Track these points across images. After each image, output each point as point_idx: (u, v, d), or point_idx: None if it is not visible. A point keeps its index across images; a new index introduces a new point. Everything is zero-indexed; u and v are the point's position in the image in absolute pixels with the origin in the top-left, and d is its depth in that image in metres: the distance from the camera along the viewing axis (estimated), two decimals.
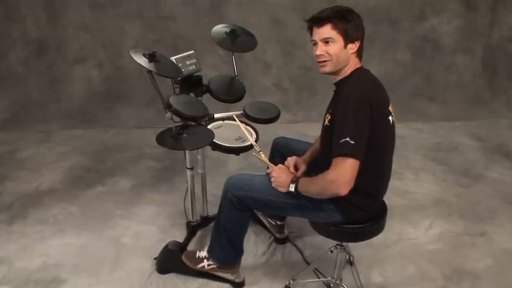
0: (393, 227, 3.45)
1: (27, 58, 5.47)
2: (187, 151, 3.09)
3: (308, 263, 3.10)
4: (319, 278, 2.94)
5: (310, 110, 5.38)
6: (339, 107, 2.24)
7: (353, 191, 2.19)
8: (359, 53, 2.35)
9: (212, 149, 2.79)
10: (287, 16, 5.41)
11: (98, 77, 5.58)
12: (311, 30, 2.36)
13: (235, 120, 2.99)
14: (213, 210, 3.14)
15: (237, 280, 2.89)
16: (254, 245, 3.29)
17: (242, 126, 2.90)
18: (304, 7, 5.19)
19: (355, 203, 2.34)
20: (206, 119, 2.94)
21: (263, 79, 5.62)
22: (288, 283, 2.86)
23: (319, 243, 3.27)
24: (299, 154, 2.76)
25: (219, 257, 2.82)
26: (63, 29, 5.41)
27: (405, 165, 4.38)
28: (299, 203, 2.46)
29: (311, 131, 4.77)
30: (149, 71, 2.58)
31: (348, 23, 2.26)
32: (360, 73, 2.35)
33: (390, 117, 2.35)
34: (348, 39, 2.28)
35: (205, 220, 3.42)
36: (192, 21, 5.41)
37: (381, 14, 5.47)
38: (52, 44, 5.46)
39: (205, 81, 3.10)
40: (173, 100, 2.66)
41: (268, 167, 2.67)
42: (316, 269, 2.99)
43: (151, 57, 2.64)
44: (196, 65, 3.01)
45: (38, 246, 3.30)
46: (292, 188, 2.40)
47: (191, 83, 3.01)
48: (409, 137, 4.97)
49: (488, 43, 5.80)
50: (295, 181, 2.41)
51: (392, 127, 2.38)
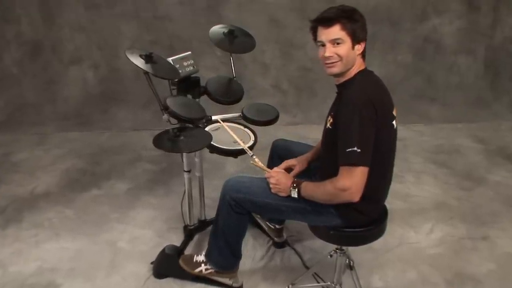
0: (393, 231, 3.46)
1: (22, 59, 5.47)
2: (184, 154, 3.10)
3: (307, 268, 3.10)
4: (318, 282, 2.95)
5: (310, 112, 5.39)
6: (342, 111, 2.23)
7: None
8: (363, 54, 2.36)
9: (210, 151, 2.79)
10: (286, 16, 5.41)
11: (94, 79, 5.58)
12: (315, 30, 2.34)
13: (220, 123, 2.98)
14: (210, 213, 3.15)
15: (235, 285, 2.89)
16: (253, 249, 3.29)
17: (230, 131, 2.86)
18: (303, 8, 5.20)
19: (356, 207, 2.33)
20: (204, 121, 2.94)
21: (261, 81, 5.62)
22: (287, 287, 2.87)
23: (318, 247, 3.28)
24: (298, 156, 2.76)
25: (217, 261, 2.83)
26: (58, 30, 5.41)
27: (406, 168, 4.39)
28: (299, 206, 2.47)
29: (310, 133, 4.78)
30: (146, 72, 2.58)
31: (356, 23, 2.26)
32: (364, 75, 2.35)
33: (394, 121, 2.35)
34: (355, 40, 2.28)
35: (202, 224, 3.42)
36: (190, 21, 5.41)
37: (382, 14, 5.47)
38: (47, 45, 5.46)
39: (202, 82, 3.10)
40: (170, 102, 2.67)
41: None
42: (315, 273, 2.99)
43: (148, 58, 2.65)
44: (194, 66, 3.01)
45: (33, 250, 3.30)
46: (294, 194, 2.41)
47: (188, 85, 3.01)
48: (410, 139, 4.97)
49: (490, 44, 5.81)
50: (296, 186, 2.40)
51: (395, 131, 2.38)
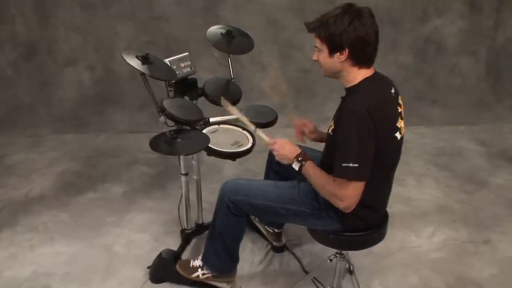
0: (394, 235, 3.46)
1: (16, 60, 5.46)
2: (181, 157, 3.10)
3: (306, 272, 3.11)
4: (318, 287, 2.95)
5: (309, 114, 5.37)
6: (342, 122, 2.22)
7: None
8: (357, 61, 2.26)
9: (208, 154, 2.78)
10: (284, 16, 5.41)
11: (90, 80, 5.57)
12: None
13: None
14: (208, 217, 3.15)
15: None
16: (251, 254, 3.30)
17: (236, 112, 2.83)
18: (302, 8, 5.19)
19: (357, 214, 2.33)
20: (201, 123, 2.94)
21: (260, 82, 5.62)
22: None
23: (318, 252, 3.28)
24: None
25: (214, 265, 2.83)
26: (53, 30, 5.41)
27: (407, 171, 4.39)
28: (298, 209, 2.47)
29: None
30: (142, 74, 2.59)
31: (329, 30, 2.19)
32: (368, 84, 2.27)
33: (398, 133, 2.30)
34: (332, 48, 2.22)
35: (200, 228, 3.43)
36: (187, 22, 5.41)
37: (382, 14, 5.47)
38: (42, 46, 5.45)
39: (200, 84, 3.11)
40: (167, 104, 2.68)
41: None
42: (315, 278, 2.99)
43: (144, 59, 2.65)
44: (191, 68, 3.02)
45: (28, 254, 3.31)
46: (296, 166, 2.38)
47: (185, 86, 3.02)
48: (411, 141, 4.96)
49: (492, 45, 5.82)
50: (301, 160, 2.37)
51: (399, 142, 2.35)
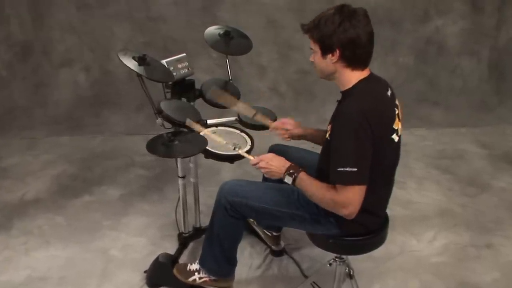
0: (395, 239, 3.46)
1: (11, 61, 5.46)
2: (178, 159, 3.10)
3: (306, 277, 3.11)
4: None
5: (308, 116, 5.38)
6: (337, 126, 2.23)
7: None
8: (349, 63, 2.25)
9: (205, 157, 2.79)
10: (283, 17, 5.42)
11: (86, 81, 5.58)
12: None
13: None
14: (206, 221, 3.14)
15: None
16: (249, 258, 3.30)
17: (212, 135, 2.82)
18: (301, 8, 5.20)
19: (356, 219, 2.31)
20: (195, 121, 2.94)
21: (258, 83, 5.63)
22: None
23: (317, 256, 3.28)
24: (297, 162, 2.76)
25: (211, 268, 2.83)
26: (48, 31, 5.41)
27: (408, 174, 4.39)
28: (296, 213, 2.47)
29: None
30: (139, 75, 2.59)
31: (320, 31, 2.21)
32: (363, 87, 2.27)
33: (395, 135, 2.30)
34: (324, 49, 2.24)
35: (197, 232, 3.43)
36: (184, 22, 5.42)
37: (382, 15, 5.48)
38: (37, 47, 5.46)
39: (197, 85, 3.11)
40: (164, 106, 2.68)
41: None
42: (314, 282, 2.99)
43: (141, 60, 2.65)
44: (188, 69, 3.02)
45: (23, 258, 3.31)
46: (288, 180, 2.36)
47: (183, 88, 3.02)
48: (412, 144, 4.97)
49: (495, 46, 5.83)
50: (292, 173, 2.35)
51: (396, 144, 2.35)
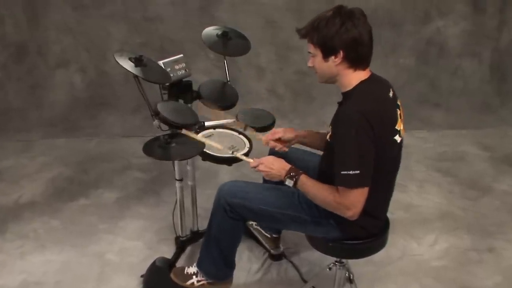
0: (395, 243, 3.47)
1: (6, 62, 5.46)
2: (176, 162, 3.10)
3: (305, 281, 3.11)
4: None
5: (307, 118, 5.39)
6: (339, 128, 2.24)
7: None
8: (352, 63, 2.27)
9: (203, 159, 2.79)
10: (282, 17, 5.42)
11: (81, 83, 5.57)
12: None
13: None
14: (203, 224, 3.15)
15: None
16: (248, 262, 3.30)
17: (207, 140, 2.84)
18: (301, 8, 5.20)
19: (357, 222, 2.32)
20: (196, 127, 2.94)
21: (257, 85, 5.63)
22: None
23: (316, 260, 3.28)
24: (297, 163, 2.76)
25: (209, 271, 2.83)
26: (44, 31, 5.41)
27: (408, 176, 4.39)
28: (296, 215, 2.48)
29: None
30: (136, 76, 2.59)
31: (321, 34, 2.22)
32: (364, 87, 2.29)
33: (397, 136, 2.31)
34: (326, 51, 2.25)
35: (195, 235, 3.43)
36: (181, 23, 5.42)
37: (383, 16, 5.48)
38: (32, 48, 5.45)
39: (195, 86, 3.11)
40: (161, 107, 2.68)
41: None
42: (313, 287, 2.99)
43: (138, 61, 2.65)
44: (186, 70, 3.02)
45: (18, 262, 3.31)
46: (289, 183, 2.37)
47: (180, 89, 3.02)
48: (413, 146, 4.97)
49: (496, 47, 5.84)
50: (293, 176, 2.36)
51: (399, 145, 2.36)
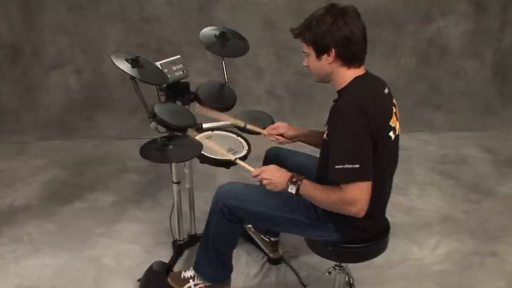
0: (396, 247, 3.46)
1: (0, 64, 5.46)
2: (173, 164, 3.11)
3: (304, 285, 3.11)
4: None
5: (307, 119, 5.39)
6: (334, 124, 2.24)
7: None
8: (345, 61, 2.28)
9: (201, 162, 2.79)
10: (281, 18, 5.43)
11: (77, 84, 5.58)
12: None
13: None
14: (201, 228, 3.14)
15: None
16: (246, 266, 3.30)
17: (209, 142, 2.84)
18: (300, 9, 5.21)
19: (356, 223, 2.34)
20: (194, 129, 2.94)
21: (255, 86, 5.63)
22: None
23: (316, 264, 3.28)
24: (295, 167, 2.76)
25: (206, 274, 2.82)
26: (39, 32, 5.42)
27: (409, 179, 4.40)
28: (295, 218, 2.48)
29: None
30: (132, 78, 2.59)
31: (312, 32, 2.25)
32: (359, 83, 2.30)
33: (392, 133, 2.32)
34: (318, 50, 2.28)
35: (192, 239, 3.43)
36: (179, 23, 5.42)
37: (383, 16, 5.49)
38: (27, 49, 5.46)
39: (192, 88, 3.11)
40: (158, 109, 2.68)
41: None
42: None
43: (134, 62, 2.65)
44: (183, 71, 3.03)
45: (12, 266, 3.31)
46: (292, 189, 2.34)
47: (177, 91, 3.02)
48: (414, 149, 4.98)
49: (499, 47, 5.85)
50: (295, 182, 2.34)
51: (394, 143, 2.36)
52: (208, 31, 3.20)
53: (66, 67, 5.55)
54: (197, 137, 2.78)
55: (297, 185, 2.33)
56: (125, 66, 2.61)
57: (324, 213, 2.37)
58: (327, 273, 2.74)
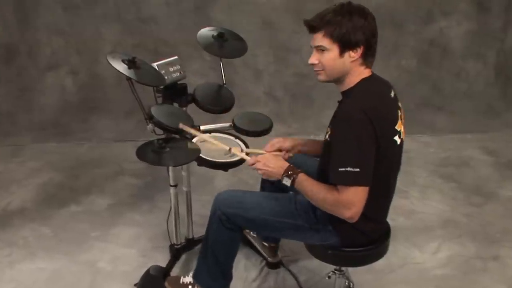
0: (397, 250, 3.46)
1: None
2: (170, 167, 3.11)
3: None
4: None
5: (306, 121, 5.40)
6: (338, 126, 2.24)
7: None
8: (364, 60, 2.30)
9: (198, 164, 2.78)
10: (280, 18, 5.44)
11: (73, 85, 5.58)
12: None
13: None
14: (199, 231, 3.16)
15: None
16: (245, 270, 3.30)
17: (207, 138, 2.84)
18: (299, 9, 5.23)
19: (356, 226, 2.33)
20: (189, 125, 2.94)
21: (254, 88, 5.64)
22: None
23: (315, 268, 3.28)
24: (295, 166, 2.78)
25: (205, 283, 2.81)
26: (34, 33, 5.42)
27: (410, 182, 4.40)
28: (295, 223, 2.47)
29: None
30: (129, 79, 2.59)
31: (342, 29, 2.19)
32: (365, 85, 2.30)
33: (397, 137, 2.31)
34: (345, 46, 2.22)
35: (190, 243, 3.42)
36: (176, 24, 5.43)
37: (384, 16, 5.48)
38: (22, 49, 5.46)
39: (190, 89, 3.11)
40: (155, 111, 2.68)
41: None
42: None
43: (131, 63, 2.65)
44: (181, 72, 3.03)
45: (7, 271, 3.31)
46: (287, 182, 2.35)
47: (175, 92, 3.02)
48: (415, 151, 4.98)
49: (501, 48, 5.86)
50: (291, 174, 2.34)
51: (399, 147, 2.36)
52: (206, 31, 3.20)
53: (61, 68, 5.55)
54: (193, 140, 2.79)
55: (292, 178, 2.33)
56: (121, 67, 2.61)
57: (323, 216, 2.37)
58: (326, 278, 2.74)
